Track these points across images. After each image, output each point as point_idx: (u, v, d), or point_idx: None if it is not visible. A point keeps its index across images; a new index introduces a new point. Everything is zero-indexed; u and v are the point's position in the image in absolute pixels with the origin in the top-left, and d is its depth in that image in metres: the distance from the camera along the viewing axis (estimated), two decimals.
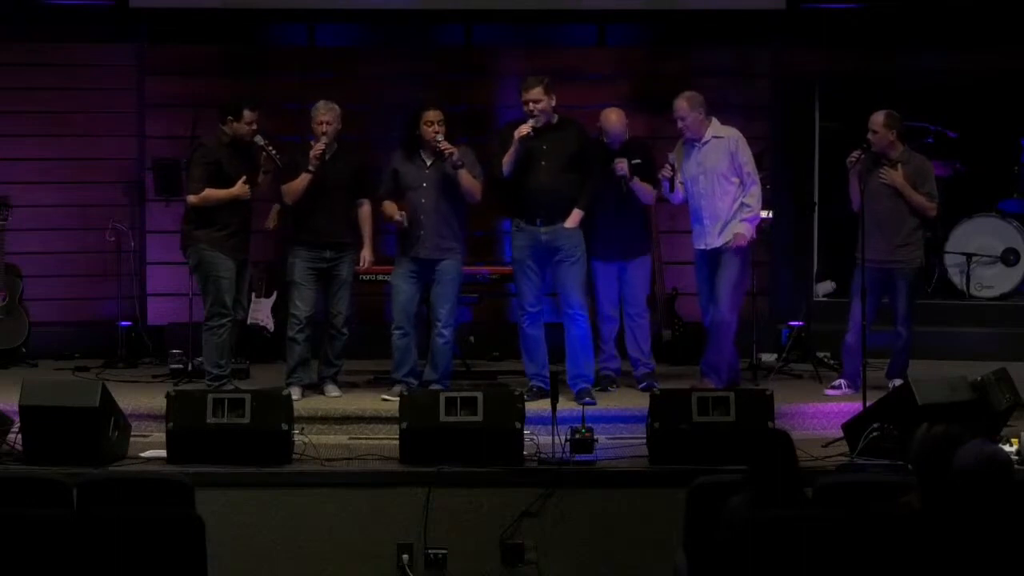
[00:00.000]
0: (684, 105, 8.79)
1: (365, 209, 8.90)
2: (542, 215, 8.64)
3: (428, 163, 8.73)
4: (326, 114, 8.74)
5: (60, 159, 10.71)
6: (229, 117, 8.71)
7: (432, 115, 8.68)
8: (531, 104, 8.59)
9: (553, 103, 8.64)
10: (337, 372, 8.92)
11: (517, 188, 8.70)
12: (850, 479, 6.47)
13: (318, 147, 8.66)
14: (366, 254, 8.90)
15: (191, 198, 8.75)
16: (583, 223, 8.77)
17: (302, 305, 8.76)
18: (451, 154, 8.57)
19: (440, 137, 8.62)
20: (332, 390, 8.83)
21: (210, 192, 8.70)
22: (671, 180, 8.79)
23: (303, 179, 8.69)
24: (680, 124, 8.81)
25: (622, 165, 8.74)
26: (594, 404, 8.40)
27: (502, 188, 8.81)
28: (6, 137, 10.62)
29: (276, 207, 9.04)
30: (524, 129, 8.55)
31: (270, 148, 8.73)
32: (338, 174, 8.75)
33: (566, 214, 8.64)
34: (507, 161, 8.62)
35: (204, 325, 8.74)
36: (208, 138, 8.93)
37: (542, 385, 8.52)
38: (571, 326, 8.73)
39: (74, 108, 10.70)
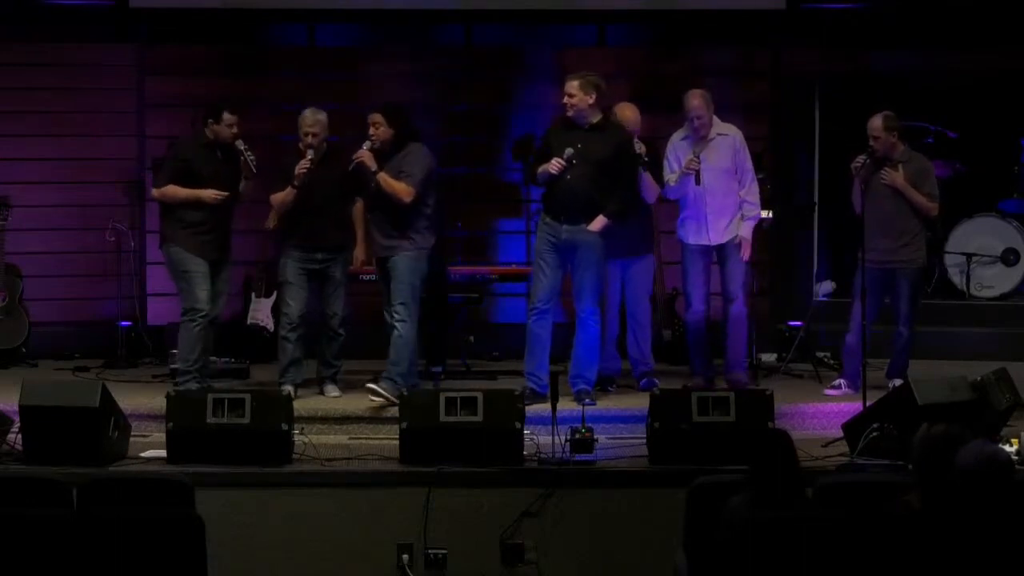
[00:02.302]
0: (700, 104, 8.81)
1: (357, 207, 8.86)
2: (567, 214, 8.54)
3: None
4: (313, 125, 8.67)
5: (60, 159, 10.70)
6: (210, 119, 8.71)
7: (370, 117, 8.66)
8: (565, 97, 8.52)
9: (591, 102, 8.49)
10: (336, 372, 8.92)
11: (547, 184, 8.63)
12: (850, 479, 6.47)
13: (303, 164, 8.60)
14: (358, 253, 8.89)
15: (153, 191, 8.84)
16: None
17: (293, 304, 8.74)
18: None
19: (365, 145, 8.59)
20: (332, 390, 8.83)
21: (171, 189, 8.71)
22: (697, 174, 8.78)
23: (288, 193, 8.65)
24: (698, 123, 8.81)
25: (640, 145, 8.77)
26: (594, 405, 8.40)
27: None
28: (6, 137, 10.62)
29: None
30: (556, 166, 8.42)
31: (249, 154, 8.69)
32: (327, 178, 8.69)
33: (591, 216, 8.52)
34: (539, 175, 8.56)
35: (181, 320, 8.77)
36: (187, 136, 8.97)
37: (535, 387, 8.45)
38: (579, 329, 8.68)
39: (74, 108, 10.69)
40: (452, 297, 9.65)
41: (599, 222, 8.51)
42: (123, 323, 10.25)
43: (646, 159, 8.83)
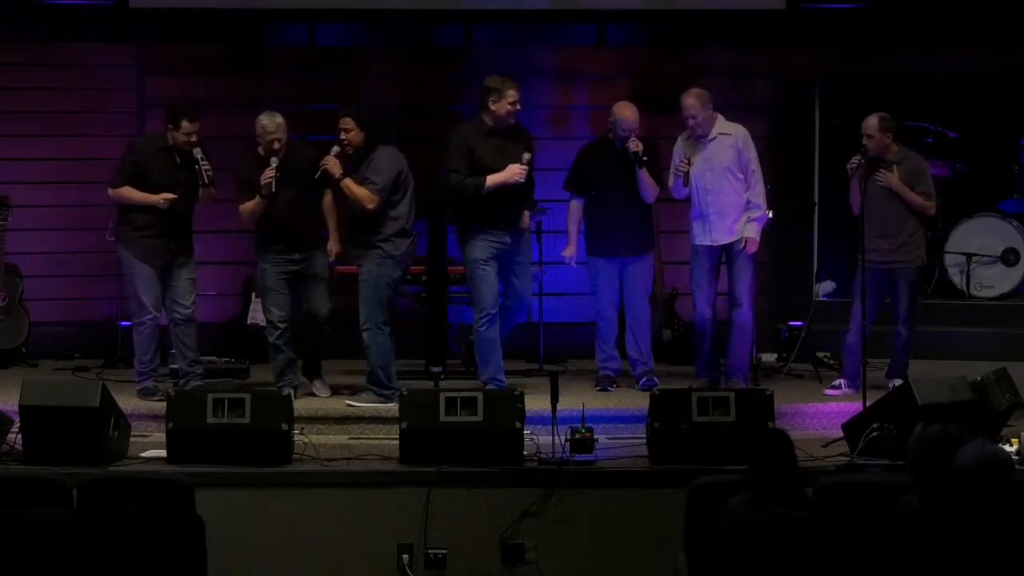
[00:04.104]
0: (695, 103, 8.81)
1: (328, 200, 8.82)
2: (507, 221, 8.70)
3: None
4: (275, 131, 8.57)
5: (60, 159, 10.70)
6: (169, 125, 8.69)
7: (341, 121, 8.65)
8: (518, 104, 8.61)
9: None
10: (321, 370, 8.92)
11: (484, 195, 8.64)
12: (850, 479, 6.48)
13: (268, 174, 8.54)
14: (332, 246, 8.86)
15: (109, 190, 8.83)
16: (588, 220, 9.03)
17: (276, 311, 8.71)
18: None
19: (334, 151, 8.61)
20: (322, 390, 8.83)
21: (125, 190, 8.72)
22: (686, 175, 8.80)
23: (257, 203, 8.61)
24: (692, 122, 8.82)
25: (636, 143, 8.79)
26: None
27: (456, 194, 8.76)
28: (6, 137, 10.61)
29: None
30: (521, 172, 8.56)
31: (204, 163, 8.64)
32: (292, 179, 8.64)
33: (520, 218, 8.79)
34: (488, 187, 8.56)
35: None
36: (145, 137, 9.02)
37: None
38: (515, 318, 8.91)
39: (74, 108, 10.69)
40: (452, 297, 9.65)
41: (528, 217, 8.87)
42: (123, 323, 10.22)
43: (644, 158, 8.84)
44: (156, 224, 8.68)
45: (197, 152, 8.66)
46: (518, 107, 8.63)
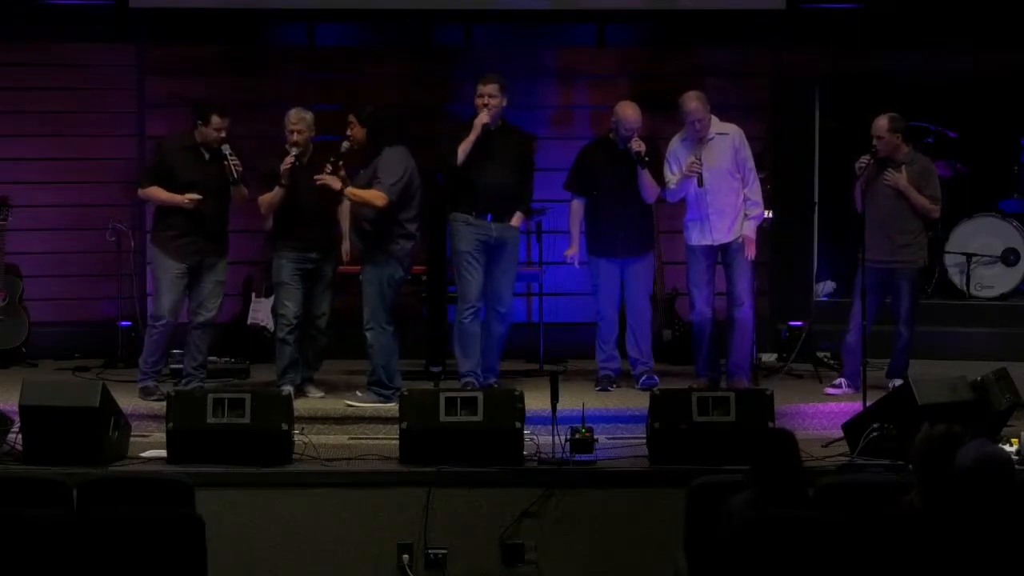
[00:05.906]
0: (700, 106, 8.83)
1: (344, 205, 8.85)
2: (494, 210, 8.73)
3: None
4: (298, 123, 8.70)
5: (60, 159, 10.70)
6: (199, 121, 8.69)
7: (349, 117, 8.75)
8: (487, 98, 8.69)
9: (504, 105, 8.76)
10: (315, 373, 8.93)
11: (467, 183, 8.74)
12: (850, 479, 6.48)
13: (287, 161, 8.60)
14: (345, 248, 8.91)
15: (138, 191, 8.92)
16: (588, 220, 9.02)
17: (291, 305, 8.73)
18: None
19: (344, 146, 8.67)
20: (314, 392, 8.83)
21: (152, 190, 8.74)
22: (700, 176, 8.80)
23: (276, 193, 8.65)
24: (699, 126, 8.83)
25: (639, 143, 8.80)
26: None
27: (451, 182, 8.87)
28: (6, 137, 10.61)
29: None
30: (484, 118, 8.66)
31: (233, 159, 8.64)
32: (311, 175, 8.62)
33: (512, 213, 8.79)
34: (464, 149, 8.67)
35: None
36: (173, 135, 9.03)
37: (476, 383, 8.58)
38: (499, 324, 8.84)
39: (74, 108, 10.68)
40: (452, 297, 9.65)
41: (519, 218, 8.84)
42: (123, 323, 10.25)
43: (646, 158, 8.85)
44: (184, 224, 8.67)
45: (226, 148, 8.66)
46: (485, 101, 8.68)
